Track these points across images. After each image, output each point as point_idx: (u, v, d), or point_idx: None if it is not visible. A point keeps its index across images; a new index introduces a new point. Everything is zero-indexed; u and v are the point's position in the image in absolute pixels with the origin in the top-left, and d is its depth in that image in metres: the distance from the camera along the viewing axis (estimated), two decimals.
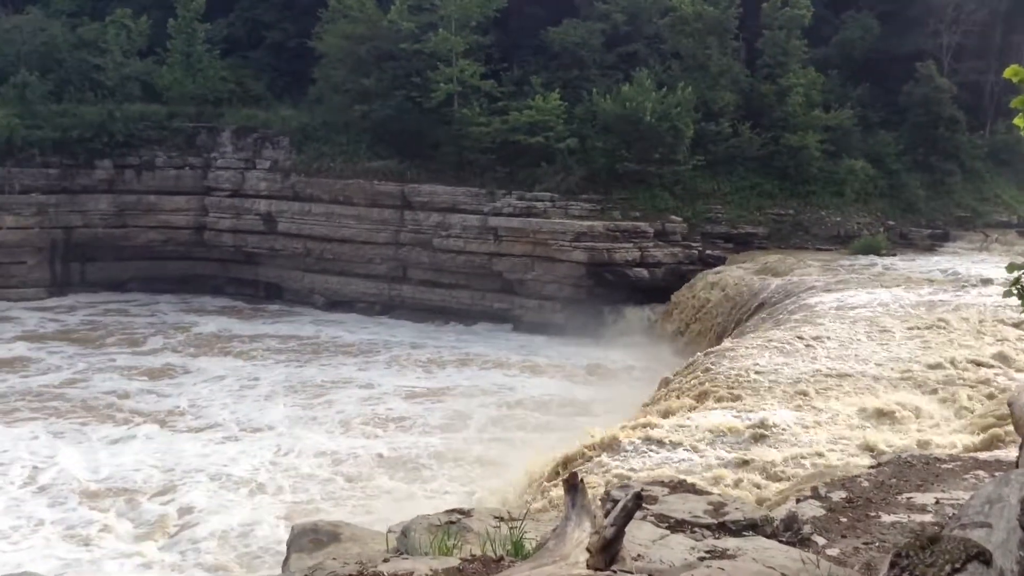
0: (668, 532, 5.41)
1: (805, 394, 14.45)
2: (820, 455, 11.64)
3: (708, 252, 31.83)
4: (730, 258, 31.31)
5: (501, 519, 5.89)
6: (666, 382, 17.60)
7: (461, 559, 4.94)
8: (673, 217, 32.46)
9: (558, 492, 10.82)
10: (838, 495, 6.80)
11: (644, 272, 31.32)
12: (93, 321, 33.00)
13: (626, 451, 12.35)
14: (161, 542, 15.70)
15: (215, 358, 28.54)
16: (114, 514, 16.63)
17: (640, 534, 5.04)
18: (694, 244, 32.07)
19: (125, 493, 17.67)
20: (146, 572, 14.61)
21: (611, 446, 12.73)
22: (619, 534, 3.90)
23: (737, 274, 28.57)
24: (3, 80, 37.30)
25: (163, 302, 36.02)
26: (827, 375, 15.46)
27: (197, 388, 25.14)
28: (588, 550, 3.85)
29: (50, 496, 17.49)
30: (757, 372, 15.80)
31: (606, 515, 4.17)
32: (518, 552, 5.10)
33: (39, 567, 13.49)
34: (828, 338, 17.96)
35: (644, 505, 5.46)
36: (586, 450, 12.95)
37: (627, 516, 3.93)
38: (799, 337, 18.16)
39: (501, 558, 4.91)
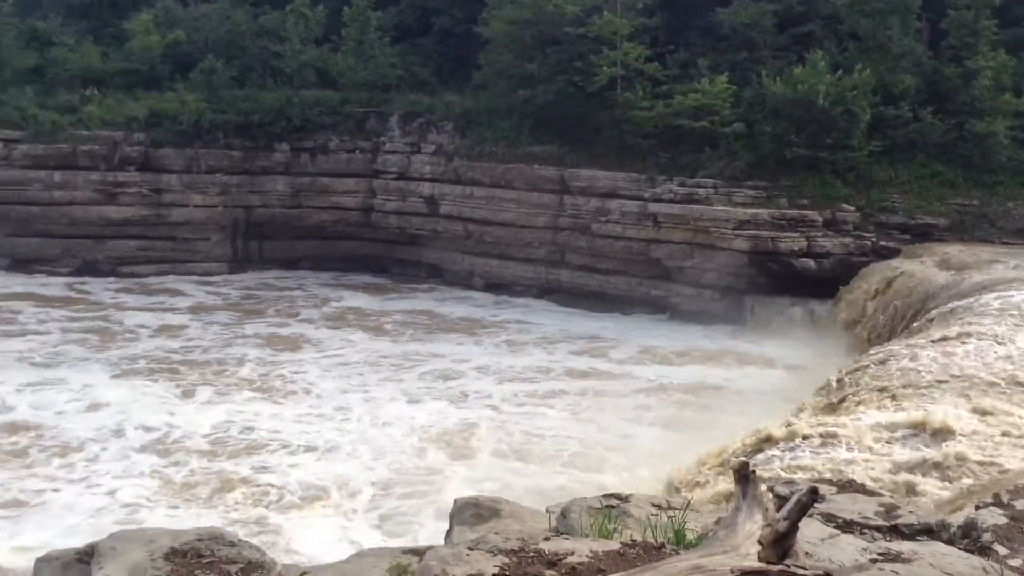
0: (837, 532, 5.19)
1: (987, 396, 13.49)
2: (1002, 461, 10.83)
3: (882, 243, 30.18)
4: (906, 250, 29.57)
5: (659, 507, 5.86)
6: (835, 378, 16.83)
7: (622, 543, 4.91)
8: (845, 206, 30.98)
9: (721, 486, 10.58)
10: (1022, 504, 6.31)
11: (811, 263, 30.11)
12: (257, 295, 34.91)
13: (790, 447, 11.89)
14: (318, 508, 16.43)
15: (346, 331, 29.68)
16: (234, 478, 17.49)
17: (808, 532, 4.84)
18: (867, 234, 30.50)
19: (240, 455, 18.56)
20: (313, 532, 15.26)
21: (774, 441, 12.30)
22: (792, 528, 3.75)
23: (915, 267, 26.92)
24: (192, 66, 39.88)
25: (326, 280, 37.59)
26: (1014, 379, 14.37)
27: (320, 360, 26.13)
28: (760, 542, 3.72)
29: (171, 455, 18.57)
30: (935, 372, 14.86)
31: (777, 509, 4.01)
32: (679, 541, 5.04)
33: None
34: (1014, 339, 16.70)
35: None
36: (747, 444, 12.58)
37: (802, 510, 3.77)
38: (981, 336, 16.97)
39: (662, 545, 4.87)
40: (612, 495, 6.06)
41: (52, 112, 37.31)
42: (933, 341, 17.22)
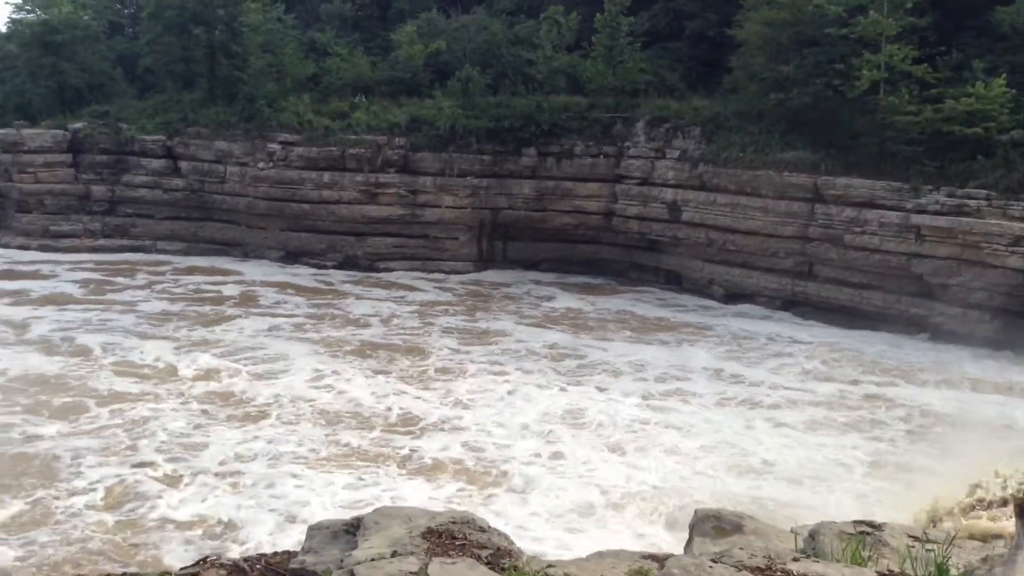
0: None
1: None
2: None
3: None
4: None
5: (916, 539, 5.53)
6: None
7: (877, 572, 4.64)
8: None
9: (984, 523, 9.68)
10: None
11: None
12: (486, 293, 36.12)
13: None
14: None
15: (558, 331, 30.17)
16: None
17: None
18: None
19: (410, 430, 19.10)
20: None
21: None
22: None
23: None
24: (451, 74, 41.95)
25: (559, 281, 38.36)
26: None
27: (515, 351, 26.59)
28: None
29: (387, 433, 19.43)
30: None
31: None
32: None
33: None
34: None
35: None
36: (1018, 480, 11.40)
37: None
38: None
39: None
40: (864, 522, 5.77)
41: (325, 118, 40.62)
42: None
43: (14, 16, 53.66)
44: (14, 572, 13.13)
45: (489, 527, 4.35)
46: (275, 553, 4.16)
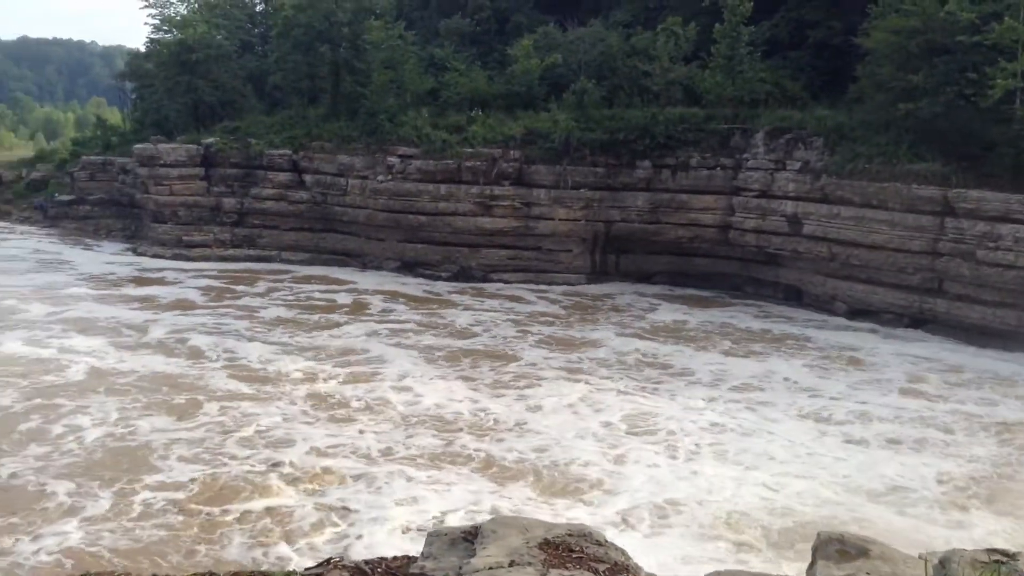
0: None
1: None
2: None
3: None
4: None
5: None
6: None
7: None
8: None
9: None
10: None
11: None
12: (589, 305, 36.04)
13: None
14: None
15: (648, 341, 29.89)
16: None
17: None
18: None
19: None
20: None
21: None
22: None
23: None
24: (566, 87, 42.10)
25: (668, 294, 38.06)
26: None
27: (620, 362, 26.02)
28: None
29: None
30: None
31: None
32: None
33: None
34: None
35: None
36: None
37: None
38: None
39: None
40: (998, 550, 5.52)
41: (442, 131, 41.39)
42: None
43: (153, 36, 56.95)
44: (113, 560, 13.81)
45: (606, 541, 4.34)
46: (394, 557, 4.26)
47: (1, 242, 48.92)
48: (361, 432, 20.42)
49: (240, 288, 37.81)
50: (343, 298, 36.37)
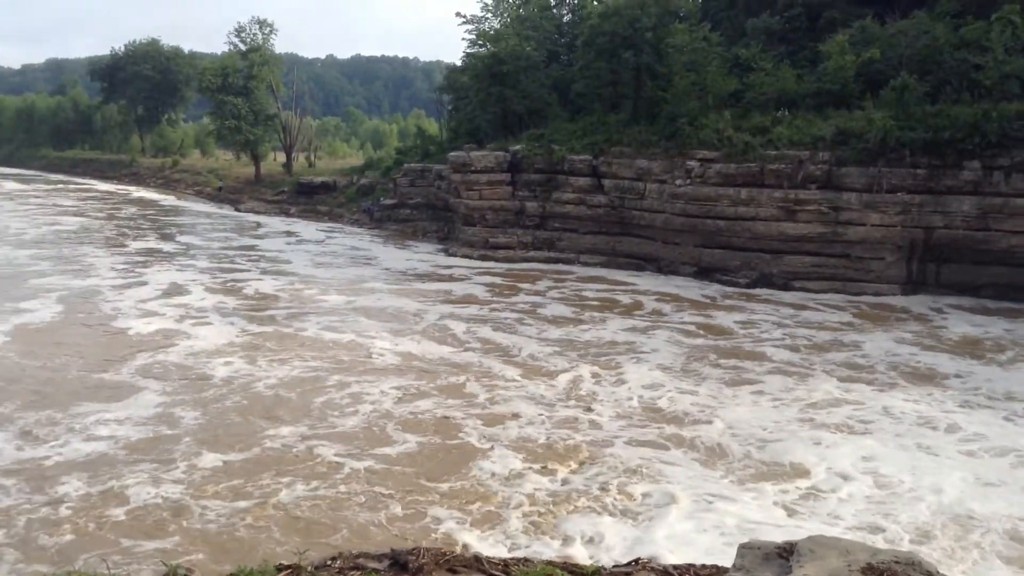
0: None
1: None
2: None
3: None
4: None
5: None
6: None
7: None
8: None
9: None
10: None
11: None
12: (879, 316, 33.37)
13: None
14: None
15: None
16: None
17: None
18: None
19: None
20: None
21: None
22: None
23: None
24: (884, 83, 39.28)
25: (994, 307, 34.36)
26: None
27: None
28: None
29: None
30: None
31: None
32: None
33: None
34: None
35: None
36: None
37: None
38: None
39: None
40: None
41: (745, 134, 40.22)
42: None
43: (468, 51, 60.81)
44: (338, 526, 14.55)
45: (937, 573, 3.89)
46: (703, 566, 4.10)
47: (329, 241, 54.50)
48: (605, 424, 20.27)
49: (524, 286, 39.24)
50: (621, 298, 36.66)
